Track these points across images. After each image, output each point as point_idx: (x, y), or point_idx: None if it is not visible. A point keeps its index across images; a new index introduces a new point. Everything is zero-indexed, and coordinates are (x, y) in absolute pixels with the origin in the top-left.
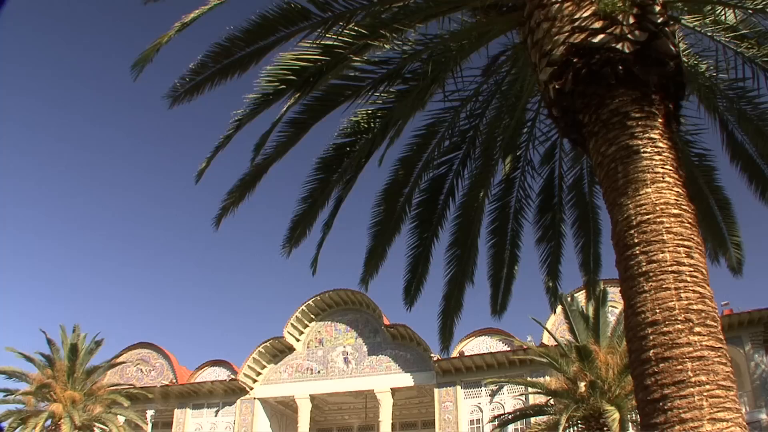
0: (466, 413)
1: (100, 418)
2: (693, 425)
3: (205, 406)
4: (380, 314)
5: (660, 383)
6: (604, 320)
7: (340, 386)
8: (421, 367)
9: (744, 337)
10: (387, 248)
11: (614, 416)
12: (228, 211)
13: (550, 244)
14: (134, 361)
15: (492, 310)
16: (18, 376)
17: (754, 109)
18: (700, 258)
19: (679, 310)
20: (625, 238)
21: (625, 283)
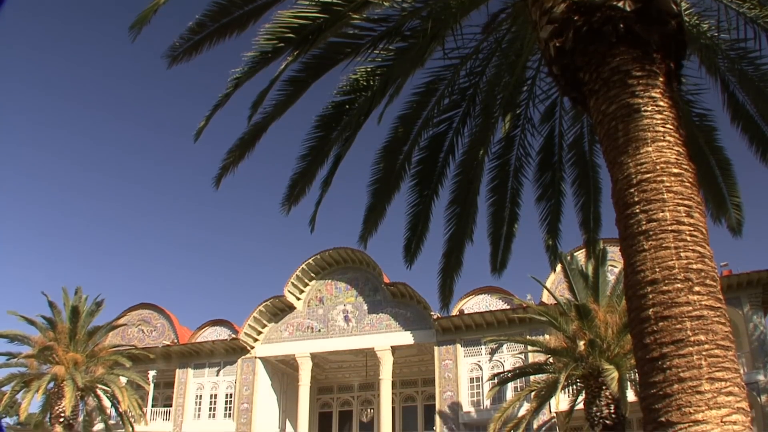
0: (465, 371)
1: (103, 379)
2: (692, 384)
3: (207, 365)
4: (380, 272)
5: (659, 342)
6: (604, 279)
7: (340, 344)
8: (421, 325)
9: (743, 298)
10: (386, 206)
11: (613, 375)
12: (228, 171)
13: (550, 202)
14: (135, 322)
15: (492, 268)
16: (20, 340)
17: (756, 70)
18: (701, 218)
19: (678, 270)
20: (625, 197)
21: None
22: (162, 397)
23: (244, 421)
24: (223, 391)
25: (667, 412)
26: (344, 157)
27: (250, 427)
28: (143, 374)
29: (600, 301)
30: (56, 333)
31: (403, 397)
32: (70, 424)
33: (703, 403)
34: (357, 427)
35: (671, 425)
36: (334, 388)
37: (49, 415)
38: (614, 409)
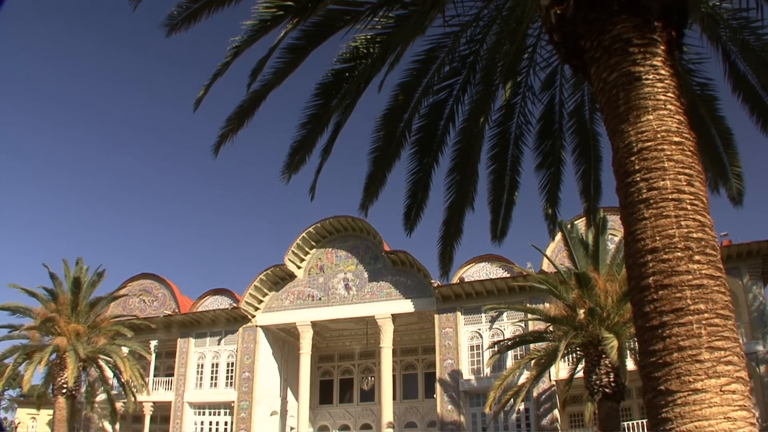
0: (466, 339)
1: (105, 349)
2: (691, 353)
3: (208, 334)
4: (381, 241)
5: (659, 310)
6: (604, 248)
7: (341, 313)
8: (421, 293)
9: (742, 268)
10: (387, 174)
11: (613, 343)
12: (227, 139)
13: (550, 170)
14: (137, 292)
15: (492, 235)
16: (22, 312)
17: (757, 40)
18: (701, 186)
19: (678, 238)
20: (626, 165)
21: (626, 210)
22: (164, 366)
23: (246, 390)
24: (224, 360)
25: (666, 381)
26: (344, 125)
27: (252, 395)
28: (145, 344)
29: (600, 270)
30: (58, 304)
31: (404, 365)
32: (72, 395)
33: (702, 372)
34: (358, 395)
35: (670, 393)
36: (335, 356)
37: (51, 387)
38: (614, 378)
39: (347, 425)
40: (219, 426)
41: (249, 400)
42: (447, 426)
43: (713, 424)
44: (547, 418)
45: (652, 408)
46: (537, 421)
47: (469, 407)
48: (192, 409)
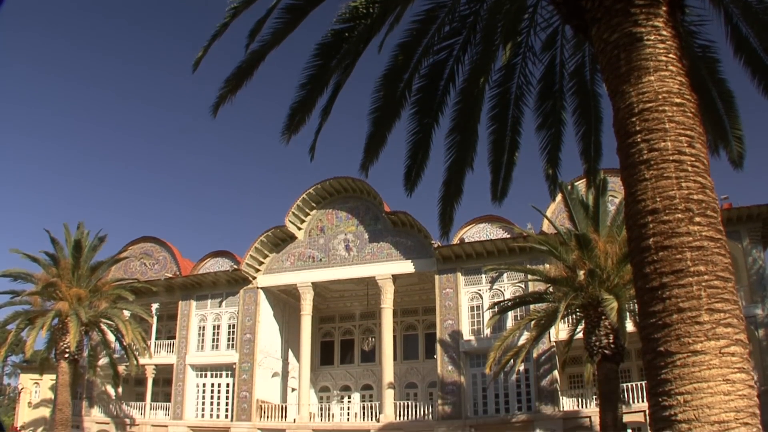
0: (466, 300)
1: (106, 313)
2: (691, 314)
3: (209, 297)
4: (381, 201)
5: (659, 272)
6: (604, 209)
7: (341, 274)
8: (421, 254)
9: (742, 231)
10: (387, 134)
11: (612, 305)
12: (225, 100)
13: (551, 131)
14: (138, 255)
15: (492, 196)
16: (23, 278)
17: (759, 3)
18: (702, 148)
19: (679, 200)
20: (627, 126)
21: (626, 171)
22: (165, 329)
23: (247, 352)
24: (225, 322)
25: (666, 342)
26: (344, 85)
27: (253, 357)
28: (146, 307)
29: (600, 231)
30: (59, 269)
31: (404, 326)
32: (75, 359)
33: (702, 334)
34: (359, 356)
35: (670, 355)
36: (336, 317)
37: (54, 352)
38: (613, 339)
39: (348, 386)
40: (221, 388)
41: (250, 361)
42: (447, 386)
43: (712, 386)
44: (547, 378)
45: (652, 369)
46: (537, 381)
47: (469, 368)
48: (194, 371)
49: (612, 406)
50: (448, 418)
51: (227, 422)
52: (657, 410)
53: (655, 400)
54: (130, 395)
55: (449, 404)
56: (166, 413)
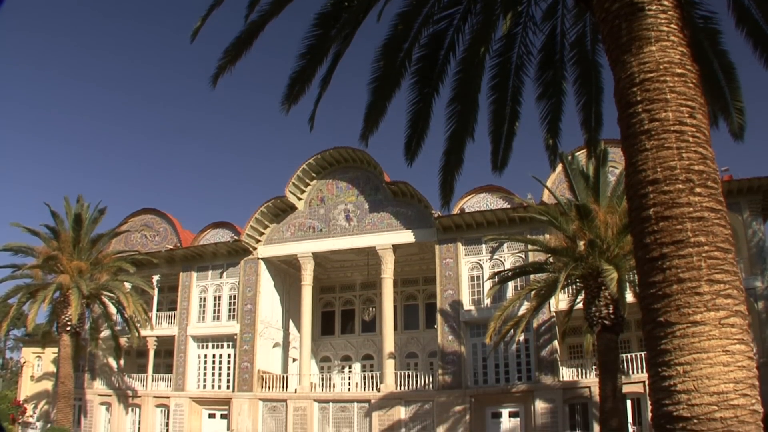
0: (466, 270)
1: (107, 285)
2: (691, 285)
3: (210, 268)
4: (381, 171)
5: (659, 242)
6: (604, 180)
7: (342, 244)
8: (422, 224)
9: (743, 203)
10: (387, 104)
11: (612, 275)
12: (224, 70)
13: (551, 101)
14: (138, 227)
15: (492, 166)
16: (24, 251)
17: None
18: (703, 119)
19: (680, 170)
20: (628, 96)
21: (627, 141)
22: (166, 301)
23: (248, 322)
24: (226, 293)
25: (666, 312)
26: (343, 55)
27: (254, 327)
28: (147, 279)
29: (600, 202)
30: (60, 242)
31: (405, 296)
32: (76, 332)
33: (701, 305)
34: (359, 326)
35: (670, 325)
36: (337, 287)
37: (55, 325)
38: (613, 310)
39: (349, 356)
40: (222, 358)
41: (252, 332)
42: (447, 356)
43: (711, 357)
44: (547, 348)
45: (651, 339)
46: (536, 351)
47: (469, 337)
48: (195, 342)
49: (611, 376)
50: (448, 388)
51: (229, 393)
52: (656, 380)
53: (654, 370)
54: (132, 367)
55: (449, 374)
56: (167, 385)
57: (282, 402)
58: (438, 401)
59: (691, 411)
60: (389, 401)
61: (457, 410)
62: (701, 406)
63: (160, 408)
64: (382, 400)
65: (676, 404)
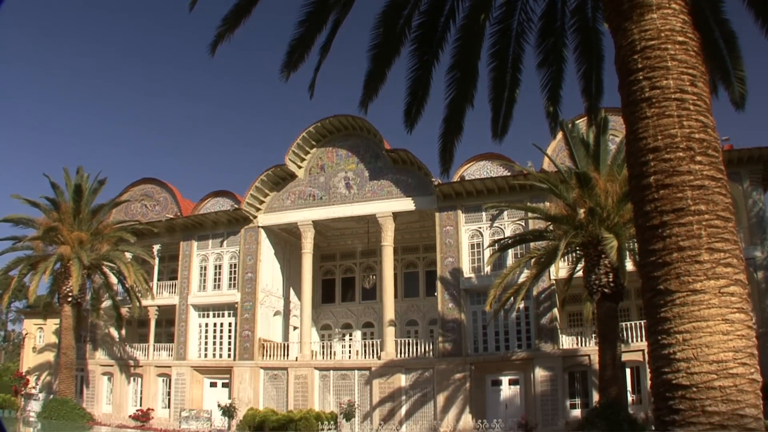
0: (466, 237)
1: (108, 256)
2: (691, 253)
3: (210, 237)
4: (381, 139)
5: (660, 210)
6: (605, 148)
7: (342, 211)
8: (422, 191)
9: (743, 173)
10: (386, 71)
11: (612, 244)
12: (223, 38)
13: (552, 68)
14: (138, 197)
15: (493, 133)
16: (25, 223)
17: None
18: (704, 87)
19: (681, 138)
20: (629, 63)
21: (628, 109)
22: (167, 270)
23: (249, 291)
24: (227, 262)
25: (666, 281)
26: (343, 22)
27: (255, 296)
28: (148, 249)
29: (601, 170)
30: (60, 213)
31: (405, 263)
32: (78, 302)
33: (701, 273)
34: (360, 294)
35: (669, 293)
36: (337, 255)
37: (57, 296)
38: (613, 278)
39: (349, 324)
40: (223, 327)
41: (252, 300)
42: (448, 324)
43: (711, 325)
44: (547, 316)
45: (651, 307)
46: (536, 319)
47: (469, 305)
48: (196, 311)
49: (611, 344)
50: (448, 356)
51: (230, 361)
52: (656, 348)
53: (654, 338)
54: (134, 337)
55: (450, 342)
56: (169, 354)
57: (283, 370)
58: (438, 369)
59: (690, 379)
60: (389, 369)
61: (457, 378)
62: (700, 374)
63: (162, 377)
64: (383, 368)
65: (676, 372)
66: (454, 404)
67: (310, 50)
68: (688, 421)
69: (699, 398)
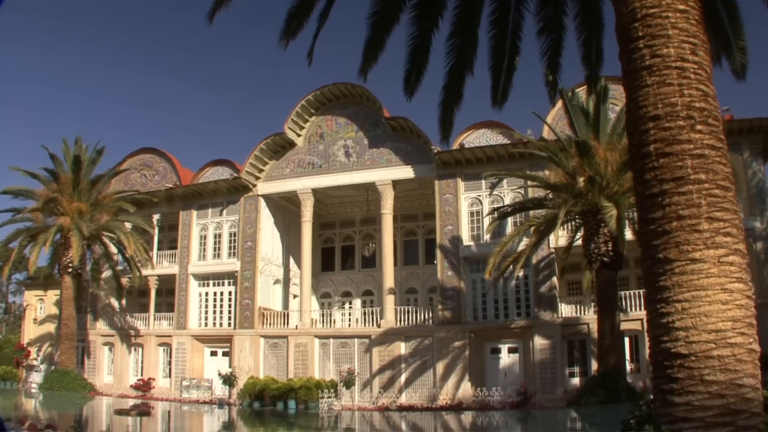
0: (466, 205)
1: (108, 226)
2: (690, 222)
3: (210, 206)
4: (380, 107)
5: (659, 178)
6: (605, 116)
7: (341, 180)
8: (421, 159)
9: (743, 144)
10: (386, 38)
11: (612, 212)
12: (222, 5)
13: (552, 36)
14: (137, 167)
15: (492, 101)
16: (24, 194)
17: None
18: (705, 56)
19: (681, 107)
20: (629, 32)
21: (628, 77)
22: (167, 240)
23: (249, 259)
24: (226, 231)
25: (665, 249)
26: None
27: (255, 264)
28: (147, 218)
29: (600, 139)
30: (59, 184)
31: (405, 231)
32: (78, 273)
33: (701, 242)
34: (359, 262)
35: (669, 262)
36: (336, 223)
37: (57, 267)
38: (612, 247)
39: (349, 292)
40: (223, 296)
41: (252, 269)
42: (447, 292)
43: (710, 294)
44: (546, 285)
45: (650, 276)
46: (536, 287)
47: (469, 273)
48: (196, 280)
49: (610, 313)
50: (448, 324)
51: (230, 330)
52: (655, 317)
53: (653, 307)
54: (134, 307)
55: (449, 309)
56: (169, 323)
57: (283, 338)
58: (438, 337)
59: (688, 348)
60: (389, 337)
61: (456, 345)
62: (699, 343)
63: (163, 347)
64: (383, 336)
65: (674, 341)
66: (453, 372)
67: (308, 17)
68: (686, 389)
69: (697, 367)
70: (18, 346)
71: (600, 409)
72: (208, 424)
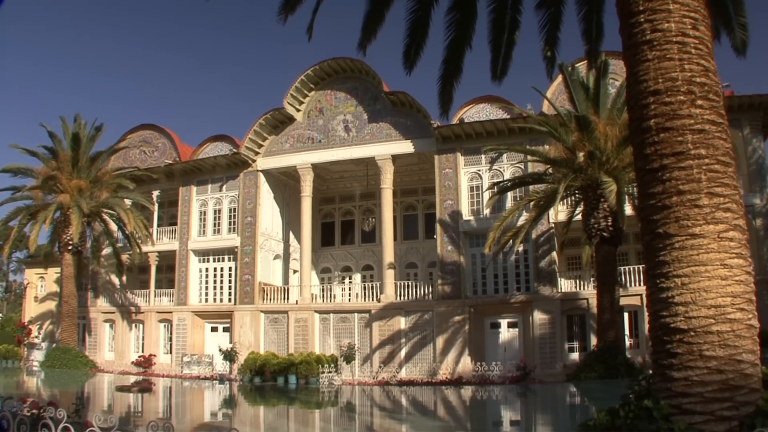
0: (465, 180)
1: (108, 203)
2: (690, 197)
3: (209, 181)
4: (380, 81)
5: (659, 153)
6: (605, 91)
7: (341, 154)
8: (421, 134)
9: (743, 120)
10: (385, 12)
11: (611, 188)
12: None
13: (550, 10)
14: (137, 143)
15: (492, 75)
16: (23, 173)
17: None
18: (706, 31)
19: (681, 82)
20: (630, 5)
21: (628, 51)
22: (167, 216)
23: (249, 235)
24: (226, 206)
25: (665, 224)
26: None
27: (255, 240)
28: (147, 195)
29: (600, 114)
30: (59, 162)
31: (404, 206)
32: (78, 250)
33: (701, 217)
34: (359, 237)
35: (668, 237)
36: (336, 198)
37: (57, 245)
38: (612, 222)
39: (349, 266)
40: (224, 272)
41: (252, 244)
42: (447, 266)
43: (710, 270)
44: (546, 259)
45: (650, 251)
46: (535, 262)
47: (468, 248)
48: (196, 256)
49: (609, 288)
50: (447, 298)
51: (230, 305)
52: (654, 292)
53: (652, 281)
54: (134, 283)
55: (449, 284)
56: (170, 299)
57: (283, 314)
58: (437, 311)
59: (688, 323)
60: (389, 311)
61: (456, 320)
62: (698, 318)
63: (163, 323)
64: (382, 311)
65: (674, 316)
66: (453, 346)
67: None
68: (685, 365)
69: (696, 342)
70: (19, 324)
71: (599, 384)
72: (210, 399)
